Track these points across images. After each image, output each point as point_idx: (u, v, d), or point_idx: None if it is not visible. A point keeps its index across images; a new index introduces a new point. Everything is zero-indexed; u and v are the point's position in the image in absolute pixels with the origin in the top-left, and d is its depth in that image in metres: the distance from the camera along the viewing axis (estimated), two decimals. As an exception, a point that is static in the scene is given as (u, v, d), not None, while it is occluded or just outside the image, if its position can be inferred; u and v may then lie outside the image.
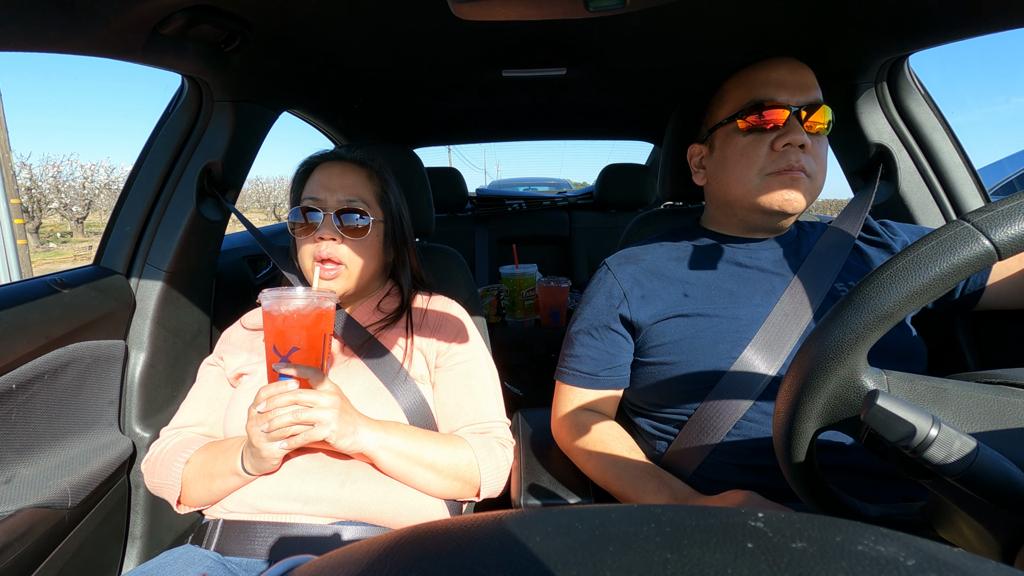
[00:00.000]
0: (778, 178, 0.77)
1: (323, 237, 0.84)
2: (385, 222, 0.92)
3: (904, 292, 0.37)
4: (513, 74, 1.28)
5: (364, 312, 0.94)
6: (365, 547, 0.27)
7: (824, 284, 0.78)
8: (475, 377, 0.89)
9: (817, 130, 0.77)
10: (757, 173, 0.78)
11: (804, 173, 0.76)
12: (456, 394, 0.88)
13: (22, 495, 0.75)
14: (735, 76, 0.84)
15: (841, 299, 0.41)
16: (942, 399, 0.41)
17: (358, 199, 0.88)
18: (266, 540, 0.73)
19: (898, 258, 0.39)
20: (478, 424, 0.86)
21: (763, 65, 0.80)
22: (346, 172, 0.89)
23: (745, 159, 0.79)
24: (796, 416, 0.43)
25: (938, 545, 0.23)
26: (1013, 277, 0.76)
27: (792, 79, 0.78)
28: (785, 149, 0.76)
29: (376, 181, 0.93)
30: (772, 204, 0.78)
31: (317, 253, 0.85)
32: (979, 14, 0.78)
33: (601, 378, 0.86)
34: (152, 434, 0.99)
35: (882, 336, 0.39)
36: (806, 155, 0.76)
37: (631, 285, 0.85)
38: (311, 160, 0.93)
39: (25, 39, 0.61)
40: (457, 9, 0.57)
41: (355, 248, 0.87)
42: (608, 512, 0.27)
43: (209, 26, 0.77)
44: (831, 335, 0.40)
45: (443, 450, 0.79)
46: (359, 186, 0.89)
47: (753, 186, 0.79)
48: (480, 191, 2.58)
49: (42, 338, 0.81)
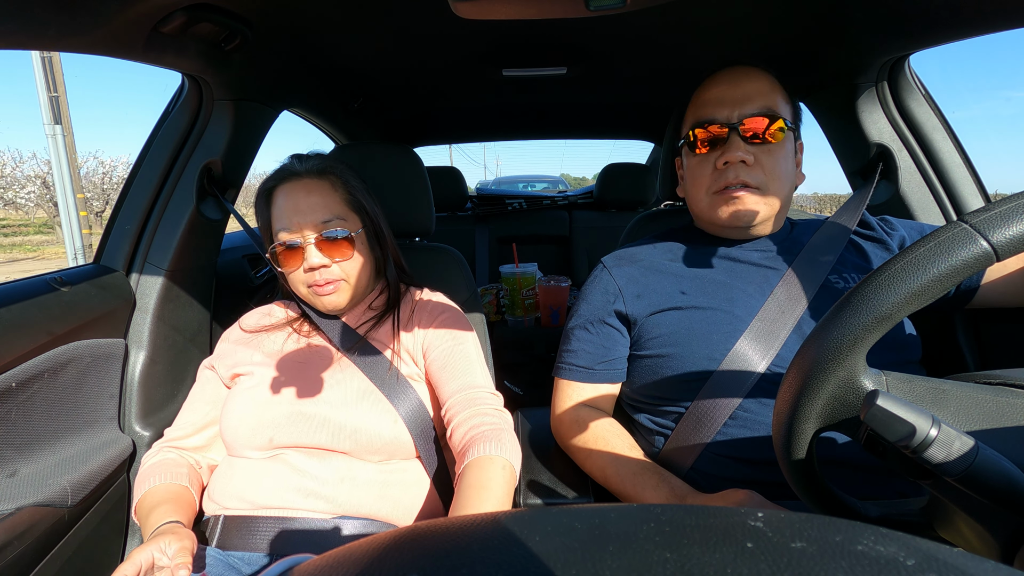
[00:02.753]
0: (721, 196, 0.80)
1: (313, 267, 0.82)
2: (365, 227, 0.90)
3: (902, 294, 0.37)
4: (513, 73, 1.28)
5: (356, 313, 0.94)
6: (365, 546, 0.27)
7: (818, 277, 0.78)
8: (459, 352, 0.87)
9: (763, 140, 0.78)
10: (705, 192, 0.82)
11: (748, 187, 0.77)
12: (442, 369, 0.85)
13: (22, 493, 0.75)
14: (693, 94, 0.86)
15: (839, 300, 0.41)
16: (941, 400, 0.41)
17: (333, 216, 0.84)
18: (267, 535, 0.74)
19: (896, 259, 0.39)
20: (465, 391, 0.83)
21: (708, 82, 0.83)
22: (311, 190, 0.84)
23: (696, 179, 0.84)
24: (795, 417, 0.43)
25: (937, 545, 0.23)
26: (1009, 276, 0.76)
27: (732, 94, 0.79)
28: (725, 167, 0.78)
29: (341, 188, 0.88)
30: (723, 220, 0.81)
31: (312, 281, 0.83)
32: (980, 14, 0.78)
33: (597, 371, 0.86)
34: (152, 432, 0.99)
35: None
36: (750, 169, 0.77)
37: (626, 282, 0.86)
38: (268, 184, 0.88)
39: (25, 37, 0.61)
40: (457, 8, 0.57)
41: (346, 265, 0.85)
42: (608, 511, 0.27)
43: (209, 24, 0.77)
44: (830, 336, 0.40)
45: (497, 492, 0.69)
46: (330, 202, 0.85)
47: (705, 204, 0.83)
48: (480, 189, 2.58)
49: (42, 336, 0.81)
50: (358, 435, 0.78)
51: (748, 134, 0.77)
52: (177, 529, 0.69)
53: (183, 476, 0.81)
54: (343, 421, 0.79)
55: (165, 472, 0.80)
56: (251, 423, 0.80)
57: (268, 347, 0.90)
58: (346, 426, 0.78)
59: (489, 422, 0.78)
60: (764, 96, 0.79)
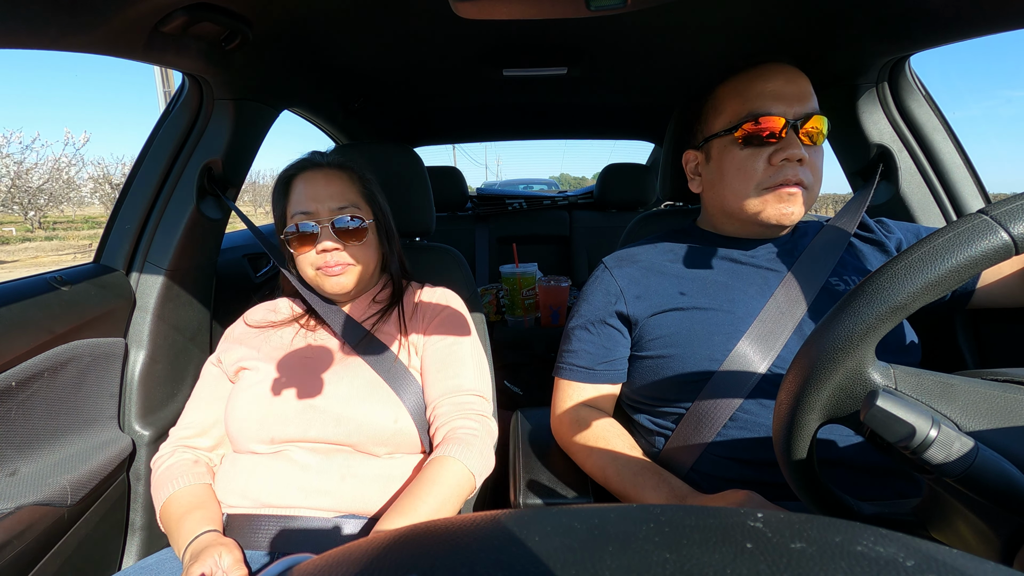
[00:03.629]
0: (775, 193, 0.77)
1: (325, 249, 0.85)
2: (376, 220, 0.94)
3: (919, 283, 0.36)
4: (514, 73, 1.28)
5: (360, 307, 0.95)
6: (364, 545, 0.27)
7: (819, 279, 0.78)
8: (453, 354, 0.88)
9: (814, 141, 0.77)
10: (755, 188, 0.78)
11: (802, 187, 0.76)
12: (433, 368, 0.87)
13: (22, 492, 0.75)
14: (729, 83, 0.83)
15: (852, 289, 0.40)
16: (949, 394, 0.41)
17: (349, 204, 0.88)
18: (269, 533, 0.74)
19: (914, 249, 0.38)
20: (452, 395, 0.84)
21: (759, 74, 0.79)
22: (330, 179, 0.89)
23: (743, 173, 0.79)
24: (799, 408, 0.42)
25: (937, 546, 0.23)
26: (1005, 279, 0.76)
27: (789, 90, 0.77)
28: (782, 164, 0.76)
29: (359, 181, 0.93)
30: (770, 219, 0.78)
31: (322, 263, 0.86)
32: (981, 15, 0.78)
33: (598, 372, 0.86)
34: (152, 432, 0.99)
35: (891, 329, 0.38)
36: (803, 168, 0.76)
37: (627, 283, 0.86)
38: (289, 172, 0.91)
39: (26, 36, 0.61)
40: (458, 8, 0.57)
41: (356, 251, 0.88)
42: (607, 512, 0.27)
43: (210, 24, 0.77)
44: (841, 325, 0.39)
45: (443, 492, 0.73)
46: (347, 191, 0.89)
47: (751, 200, 0.79)
48: (484, 190, 2.58)
49: (42, 335, 0.81)
50: (366, 428, 0.79)
51: (807, 133, 0.76)
52: (222, 540, 0.69)
53: (205, 475, 0.81)
54: (350, 414, 0.79)
55: (187, 473, 0.79)
56: (258, 417, 0.80)
57: (274, 342, 0.90)
58: (353, 419, 0.79)
59: (466, 426, 0.81)
60: (812, 96, 0.78)
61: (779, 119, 0.75)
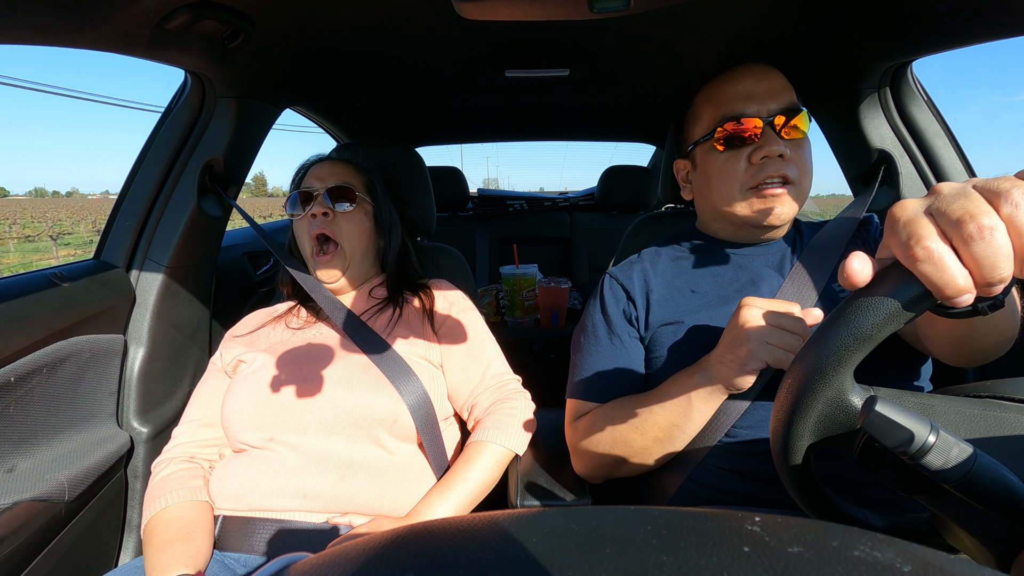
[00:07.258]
0: (759, 195, 0.77)
1: (315, 213, 0.93)
2: (372, 204, 1.00)
3: (881, 315, 0.37)
4: (516, 74, 1.28)
5: (358, 300, 0.98)
6: (361, 545, 0.27)
7: (818, 284, 0.78)
8: (479, 344, 0.95)
9: (794, 136, 0.77)
10: (739, 189, 0.79)
11: (787, 182, 0.76)
12: (464, 366, 0.93)
13: (19, 488, 0.75)
14: (703, 90, 0.84)
15: (824, 320, 0.41)
16: (929, 415, 0.42)
17: (345, 183, 0.97)
18: (265, 536, 0.73)
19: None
20: (489, 382, 0.92)
21: (729, 77, 0.80)
22: (335, 165, 1.00)
23: (725, 176, 0.80)
24: (790, 435, 0.43)
25: (935, 552, 0.23)
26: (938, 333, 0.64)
27: (760, 88, 0.77)
28: (763, 162, 0.76)
29: (363, 172, 1.03)
30: (758, 219, 0.78)
31: (312, 229, 0.93)
32: (983, 21, 0.78)
33: (612, 389, 0.81)
34: (150, 429, 0.99)
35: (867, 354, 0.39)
36: (786, 163, 0.76)
37: (634, 293, 0.85)
38: (306, 163, 1.04)
39: (29, 32, 0.61)
40: (461, 8, 0.56)
41: (346, 224, 0.94)
42: (605, 514, 0.27)
43: (213, 22, 0.77)
44: (817, 356, 0.40)
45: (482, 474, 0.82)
46: (347, 174, 0.99)
47: (737, 202, 0.79)
48: (481, 191, 2.58)
49: (41, 331, 0.81)
50: (360, 408, 0.79)
51: (782, 128, 0.76)
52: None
53: (200, 491, 0.79)
54: (343, 396, 0.80)
55: (182, 488, 0.78)
56: (255, 405, 0.80)
57: (272, 336, 0.93)
58: (346, 400, 0.79)
59: (510, 407, 0.89)
60: (788, 90, 0.78)
61: (753, 119, 0.76)
